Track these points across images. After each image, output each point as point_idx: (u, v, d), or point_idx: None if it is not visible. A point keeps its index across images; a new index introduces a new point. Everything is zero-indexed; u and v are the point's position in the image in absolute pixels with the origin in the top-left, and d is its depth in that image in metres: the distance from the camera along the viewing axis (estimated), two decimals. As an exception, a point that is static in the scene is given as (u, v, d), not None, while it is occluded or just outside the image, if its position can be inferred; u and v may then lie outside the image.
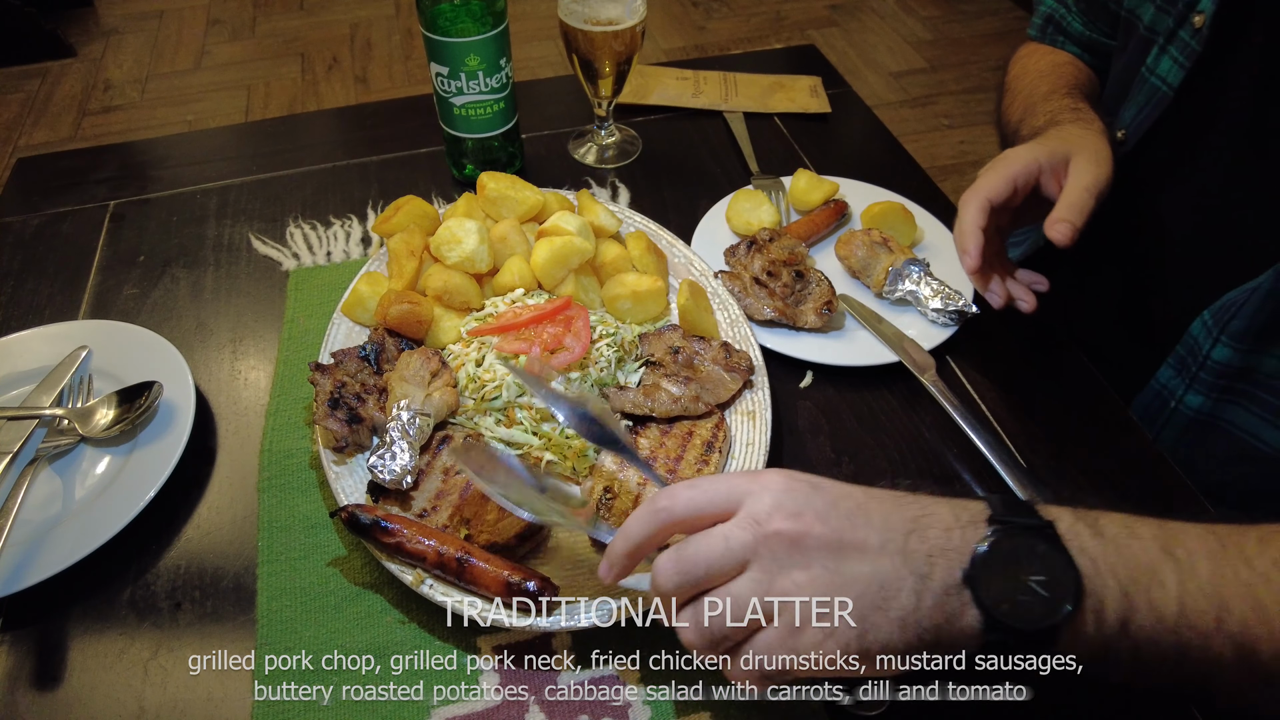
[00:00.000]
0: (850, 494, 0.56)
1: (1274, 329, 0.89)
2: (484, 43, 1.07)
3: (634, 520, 0.59)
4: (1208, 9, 0.91)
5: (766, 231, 1.05)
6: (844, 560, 0.53)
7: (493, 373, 0.87)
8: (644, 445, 0.84)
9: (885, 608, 0.52)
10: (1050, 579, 0.52)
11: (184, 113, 3.37)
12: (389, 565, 0.74)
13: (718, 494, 0.57)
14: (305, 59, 3.67)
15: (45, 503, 0.83)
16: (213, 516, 0.84)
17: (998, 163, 0.92)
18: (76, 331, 0.98)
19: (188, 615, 0.77)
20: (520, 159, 1.24)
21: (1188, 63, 0.95)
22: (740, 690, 0.56)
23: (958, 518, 0.55)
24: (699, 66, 1.46)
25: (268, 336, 1.01)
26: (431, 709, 0.70)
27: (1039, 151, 0.92)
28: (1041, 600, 0.51)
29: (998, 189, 0.90)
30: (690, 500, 0.58)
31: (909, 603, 0.52)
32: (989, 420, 0.93)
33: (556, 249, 0.94)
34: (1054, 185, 0.91)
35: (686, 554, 0.56)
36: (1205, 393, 0.96)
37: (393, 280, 0.96)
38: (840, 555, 0.53)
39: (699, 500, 0.57)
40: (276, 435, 0.90)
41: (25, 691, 0.72)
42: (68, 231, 1.16)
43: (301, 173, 1.25)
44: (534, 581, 0.71)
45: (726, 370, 0.89)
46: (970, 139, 3.23)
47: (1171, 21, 0.96)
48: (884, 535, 0.54)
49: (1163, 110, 0.98)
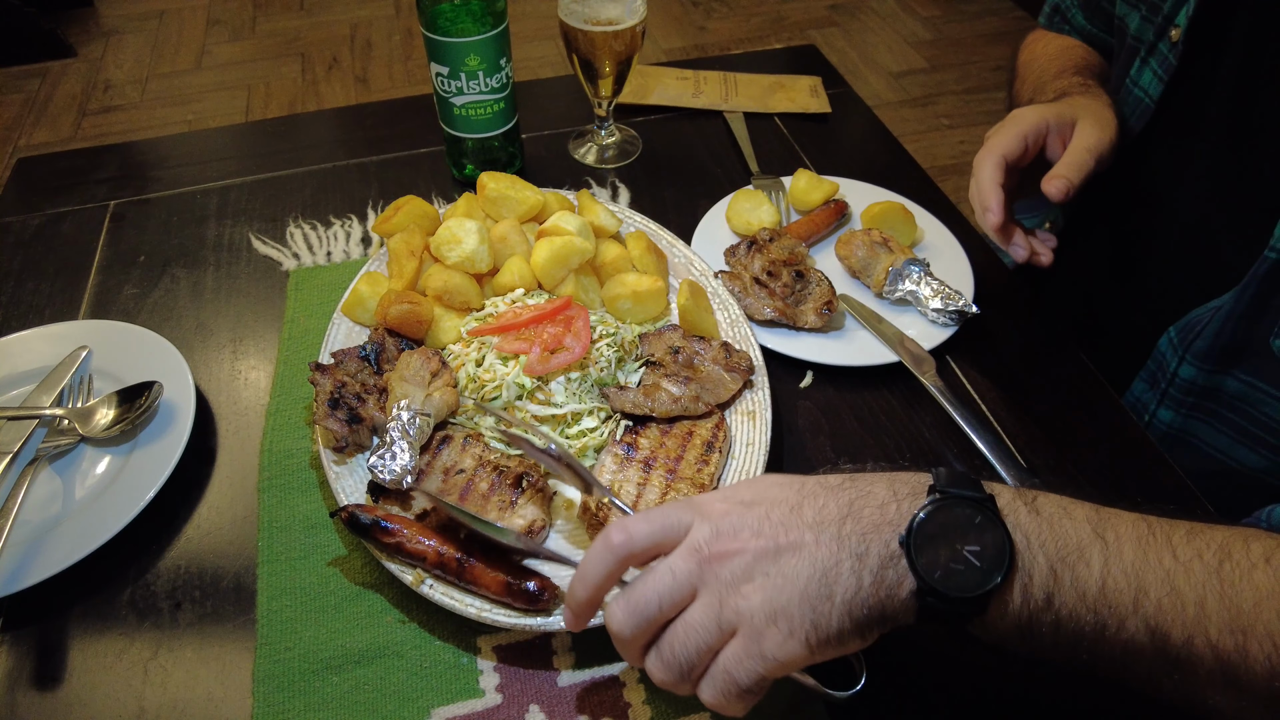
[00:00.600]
0: (783, 499, 0.58)
1: (1236, 350, 0.89)
2: (484, 43, 1.07)
3: (590, 560, 0.60)
4: (1183, 23, 0.91)
5: (766, 231, 1.05)
6: (784, 563, 0.55)
7: (493, 373, 0.87)
8: (644, 445, 0.84)
9: (830, 595, 0.53)
10: (984, 550, 0.54)
11: (184, 113, 3.37)
12: (389, 565, 0.74)
13: (667, 523, 0.59)
14: (305, 59, 3.67)
15: (45, 503, 0.83)
16: (213, 516, 0.84)
17: (1008, 122, 0.94)
18: (76, 331, 0.98)
19: (188, 615, 0.77)
20: (520, 159, 1.24)
21: (1166, 75, 0.95)
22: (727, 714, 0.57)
23: (895, 492, 0.57)
24: (699, 66, 1.46)
25: (268, 336, 1.01)
26: (431, 709, 0.70)
27: (1048, 112, 0.93)
28: (974, 570, 0.53)
29: (1011, 146, 0.92)
30: (648, 533, 0.59)
31: (850, 584, 0.54)
32: (989, 420, 0.93)
33: (556, 249, 0.94)
34: (1059, 147, 0.93)
35: (635, 595, 0.57)
36: (1175, 409, 0.96)
37: (393, 280, 0.96)
38: (779, 559, 0.55)
39: (655, 532, 0.59)
40: (276, 435, 0.90)
41: (25, 691, 0.72)
42: (68, 231, 1.16)
43: (301, 173, 1.25)
44: (534, 581, 0.71)
45: (726, 370, 0.89)
46: (970, 139, 3.23)
47: (1153, 33, 0.96)
48: (818, 529, 0.55)
49: (1145, 122, 0.99)
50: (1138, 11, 0.99)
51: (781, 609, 0.54)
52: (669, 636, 0.56)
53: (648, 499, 0.79)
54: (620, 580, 0.62)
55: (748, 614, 0.54)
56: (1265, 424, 0.89)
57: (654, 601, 0.56)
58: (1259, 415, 0.90)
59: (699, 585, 0.56)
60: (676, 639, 0.56)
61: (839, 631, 0.54)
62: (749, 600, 0.54)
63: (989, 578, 0.53)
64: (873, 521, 0.55)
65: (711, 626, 0.55)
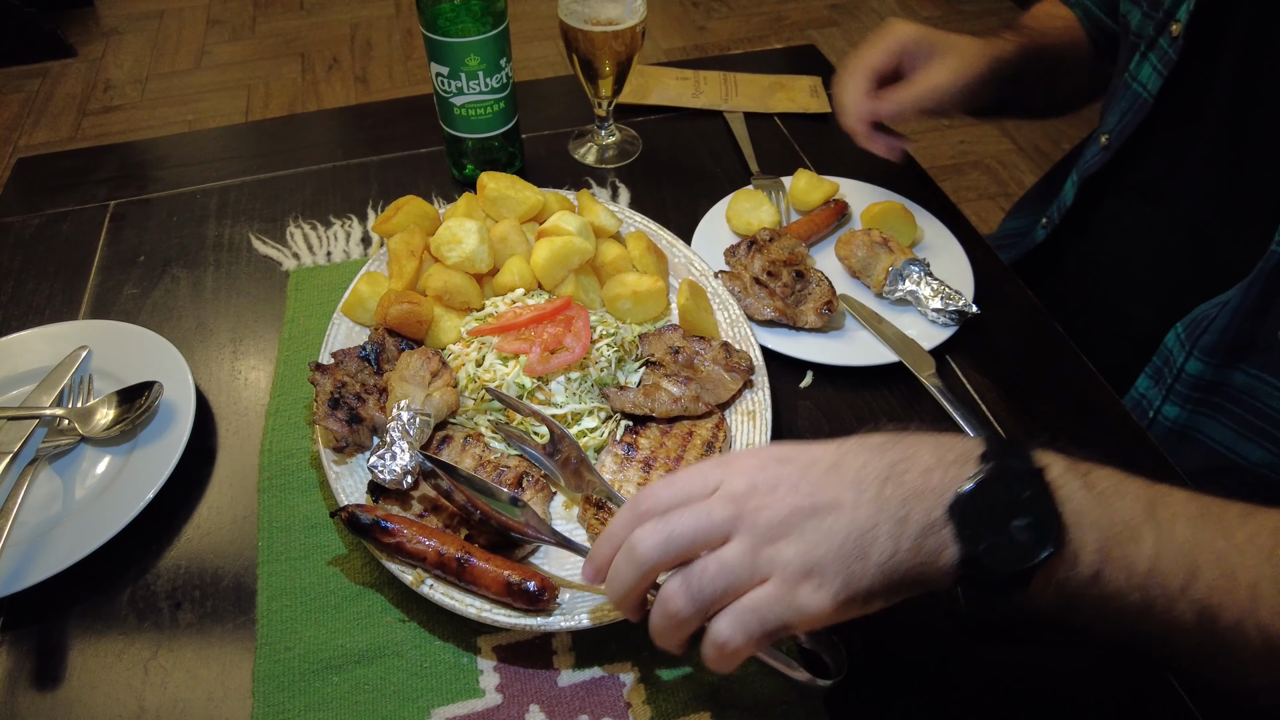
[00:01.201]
0: (821, 458, 0.57)
1: (1243, 345, 0.89)
2: (484, 43, 1.07)
3: (617, 522, 0.60)
4: (1184, 18, 0.91)
5: (766, 231, 1.05)
6: (822, 520, 0.54)
7: (493, 373, 0.87)
8: (644, 445, 0.84)
9: (865, 556, 0.53)
10: (1031, 524, 0.52)
11: (184, 113, 3.37)
12: (389, 565, 0.74)
13: (694, 484, 0.58)
14: (305, 59, 3.67)
15: (45, 503, 0.83)
16: (213, 516, 0.84)
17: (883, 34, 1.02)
18: (76, 331, 0.98)
19: (188, 615, 0.77)
20: (520, 159, 1.24)
21: (1165, 70, 0.95)
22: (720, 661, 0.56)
23: (940, 458, 0.55)
24: (699, 66, 1.45)
25: (268, 336, 1.01)
26: (431, 709, 0.70)
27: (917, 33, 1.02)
28: (1020, 544, 0.52)
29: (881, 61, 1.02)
30: (672, 497, 0.58)
31: (887, 548, 0.53)
32: (989, 420, 0.93)
33: (556, 249, 0.94)
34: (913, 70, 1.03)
35: (672, 524, 0.56)
36: (1181, 404, 0.96)
37: (393, 280, 0.96)
38: (817, 516, 0.54)
39: (680, 494, 0.58)
40: (276, 435, 0.90)
41: (25, 691, 0.72)
42: (68, 231, 1.16)
43: (301, 173, 1.25)
44: (534, 581, 0.71)
45: (726, 370, 0.89)
46: (970, 139, 3.23)
47: (1153, 28, 0.97)
48: (858, 489, 0.55)
49: (1143, 117, 0.99)
50: (1139, 8, 1.00)
51: (816, 564, 0.53)
52: (700, 567, 0.55)
53: (648, 499, 0.79)
54: None
55: (782, 564, 0.54)
56: (1271, 417, 0.89)
57: (688, 535, 0.56)
58: (1265, 408, 0.90)
59: (734, 530, 0.55)
60: (708, 571, 0.55)
61: (868, 591, 0.53)
62: (783, 552, 0.54)
63: (1035, 553, 0.52)
64: (915, 486, 0.54)
65: (744, 569, 0.54)
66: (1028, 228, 1.23)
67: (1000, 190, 3.03)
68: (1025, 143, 3.21)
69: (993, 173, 3.11)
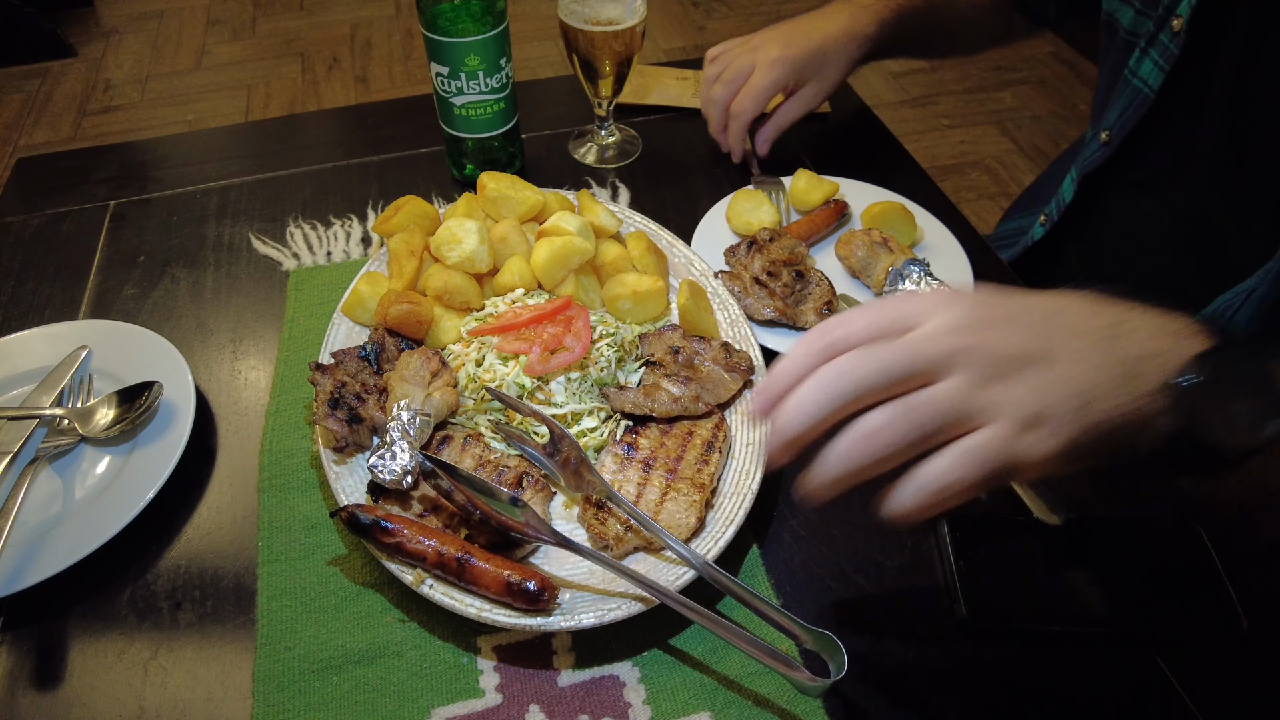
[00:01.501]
0: (1038, 304, 0.56)
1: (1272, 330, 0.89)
2: (484, 43, 1.07)
3: (799, 351, 0.57)
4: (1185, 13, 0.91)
5: (766, 231, 1.05)
6: (1052, 366, 0.53)
7: (493, 373, 0.87)
8: (644, 445, 0.84)
9: (1091, 409, 0.52)
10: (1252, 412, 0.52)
11: (184, 113, 3.37)
12: (389, 565, 0.74)
13: (898, 314, 0.56)
14: (305, 59, 3.67)
15: (45, 503, 0.83)
16: (213, 516, 0.84)
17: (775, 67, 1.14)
18: (76, 331, 0.98)
19: (188, 615, 0.77)
20: (520, 159, 1.24)
21: (1167, 65, 0.95)
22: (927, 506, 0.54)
23: (1165, 326, 0.55)
24: (699, 66, 1.45)
25: (268, 336, 1.01)
26: (431, 709, 0.70)
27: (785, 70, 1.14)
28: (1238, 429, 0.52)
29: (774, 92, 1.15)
30: (870, 325, 0.56)
31: (1109, 405, 0.52)
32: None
33: (556, 249, 0.94)
34: None
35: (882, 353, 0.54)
36: None
37: (393, 280, 0.96)
38: (1046, 362, 0.53)
39: (879, 323, 0.56)
40: (276, 435, 0.90)
41: (25, 691, 0.72)
42: (68, 231, 1.16)
43: (301, 173, 1.25)
44: (534, 581, 0.71)
45: (727, 370, 0.89)
46: (970, 139, 3.24)
47: (1152, 25, 0.97)
48: (1081, 341, 0.54)
49: (1145, 112, 0.99)
50: (1130, 7, 0.99)
51: (1046, 411, 0.52)
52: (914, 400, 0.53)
53: (648, 499, 0.79)
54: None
55: (1010, 407, 0.52)
56: None
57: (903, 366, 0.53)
58: None
59: (951, 367, 0.53)
60: (922, 404, 0.52)
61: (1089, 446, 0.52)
62: (1012, 393, 0.52)
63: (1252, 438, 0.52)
64: (1143, 349, 0.53)
65: (961, 406, 0.52)
66: (1025, 227, 1.23)
67: (1000, 190, 3.03)
68: (1025, 142, 3.21)
69: (992, 173, 3.11)
